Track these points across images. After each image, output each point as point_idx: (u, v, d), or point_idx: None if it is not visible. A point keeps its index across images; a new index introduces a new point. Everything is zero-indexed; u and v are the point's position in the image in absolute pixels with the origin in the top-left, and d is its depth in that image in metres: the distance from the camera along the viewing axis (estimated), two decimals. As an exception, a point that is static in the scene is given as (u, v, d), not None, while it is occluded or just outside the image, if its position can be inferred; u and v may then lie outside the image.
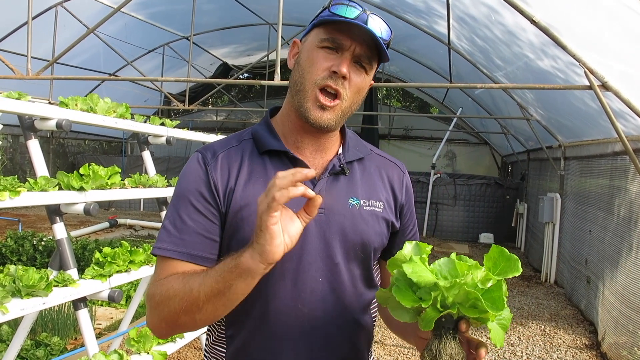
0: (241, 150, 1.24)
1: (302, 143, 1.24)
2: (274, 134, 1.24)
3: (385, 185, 1.31)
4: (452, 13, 5.65)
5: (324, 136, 1.24)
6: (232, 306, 1.06)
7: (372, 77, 1.25)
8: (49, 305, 2.21)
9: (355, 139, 1.32)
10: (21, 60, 6.96)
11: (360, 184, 1.26)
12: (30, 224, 9.74)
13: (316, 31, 1.19)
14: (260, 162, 1.22)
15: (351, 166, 1.27)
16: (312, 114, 1.16)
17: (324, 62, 1.16)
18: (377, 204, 1.26)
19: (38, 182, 2.33)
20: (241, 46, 12.26)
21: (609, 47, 4.13)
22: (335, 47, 1.16)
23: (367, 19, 1.14)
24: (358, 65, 1.18)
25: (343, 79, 1.15)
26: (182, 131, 3.68)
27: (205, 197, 1.17)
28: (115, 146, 15.41)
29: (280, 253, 0.99)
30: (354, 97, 1.19)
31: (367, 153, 1.32)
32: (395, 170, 1.35)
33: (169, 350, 2.77)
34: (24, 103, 2.38)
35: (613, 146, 5.08)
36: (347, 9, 1.15)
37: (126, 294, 5.15)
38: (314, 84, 1.16)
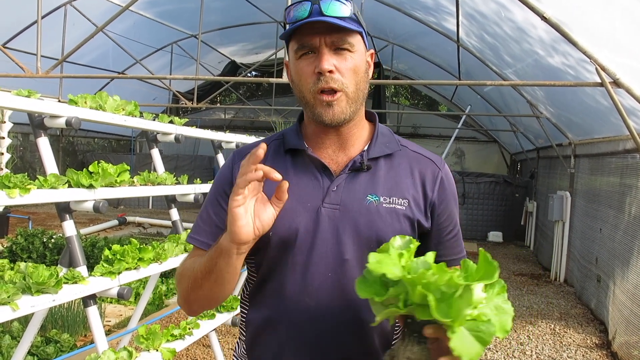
0: (268, 149, 1.28)
1: (324, 143, 1.27)
2: (298, 134, 1.29)
3: (414, 182, 1.26)
4: (462, 10, 5.61)
5: (346, 132, 1.25)
6: (222, 283, 1.15)
7: (365, 47, 1.24)
8: (58, 302, 2.22)
9: (387, 136, 1.30)
10: (31, 58, 7.01)
11: (382, 180, 1.24)
12: (40, 222, 9.81)
13: (290, 45, 1.22)
14: (282, 161, 1.28)
15: (376, 162, 1.25)
16: (325, 116, 1.19)
17: (307, 68, 1.18)
18: (400, 201, 1.23)
19: (48, 179, 2.34)
20: (249, 44, 12.27)
21: (621, 43, 4.08)
22: (309, 50, 1.18)
23: (320, 8, 1.15)
24: (339, 51, 1.18)
25: (330, 73, 1.16)
26: (191, 129, 3.68)
27: (228, 194, 1.22)
28: (124, 144, 15.49)
29: (246, 234, 1.07)
30: (353, 79, 1.19)
31: (397, 149, 1.28)
32: (429, 166, 1.29)
33: (177, 348, 2.77)
34: (33, 101, 2.39)
35: (624, 144, 5.02)
36: (298, 10, 1.17)
37: (135, 291, 5.18)
38: (311, 92, 1.19)
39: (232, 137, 4.31)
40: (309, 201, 1.21)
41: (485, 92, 9.73)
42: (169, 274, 5.94)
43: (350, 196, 1.21)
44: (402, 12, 7.37)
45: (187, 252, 3.17)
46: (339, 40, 1.17)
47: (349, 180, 1.23)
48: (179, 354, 3.17)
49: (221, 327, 4.51)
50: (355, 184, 1.23)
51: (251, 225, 1.09)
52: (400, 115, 13.99)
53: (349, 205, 1.21)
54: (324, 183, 1.23)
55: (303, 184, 1.24)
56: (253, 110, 14.41)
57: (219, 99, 16.76)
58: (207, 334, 3.24)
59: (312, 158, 1.25)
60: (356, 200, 1.21)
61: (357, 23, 1.19)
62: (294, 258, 1.20)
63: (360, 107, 1.25)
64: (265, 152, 1.07)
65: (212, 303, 1.25)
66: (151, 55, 10.73)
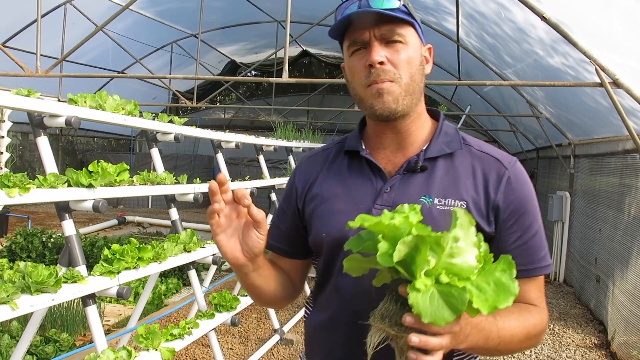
0: (329, 152, 1.34)
1: (382, 144, 1.26)
2: (358, 137, 1.30)
3: (476, 183, 1.19)
4: (462, 10, 5.62)
5: (404, 130, 1.23)
6: (252, 291, 1.25)
7: (420, 40, 1.21)
8: (58, 301, 2.22)
9: (450, 134, 1.25)
10: (30, 58, 7.00)
11: (439, 181, 1.19)
12: (40, 221, 9.81)
13: (344, 45, 1.22)
14: (340, 162, 1.30)
15: (434, 163, 1.21)
16: (376, 107, 1.17)
17: (358, 63, 1.18)
18: (456, 202, 1.16)
19: (47, 179, 2.34)
20: (249, 44, 12.26)
21: (621, 43, 4.08)
22: (361, 45, 1.17)
23: (368, 2, 1.14)
24: (391, 43, 1.16)
25: (381, 64, 1.14)
26: (191, 129, 3.68)
27: (289, 198, 1.34)
28: (123, 144, 15.48)
29: (233, 259, 1.13)
30: (406, 70, 1.16)
31: (458, 148, 1.22)
32: (494, 166, 1.20)
33: (177, 347, 2.77)
34: (33, 100, 2.38)
35: (624, 144, 5.03)
36: (347, 7, 1.17)
37: (134, 290, 5.18)
38: (363, 85, 1.18)
39: (232, 136, 4.31)
40: (361, 202, 1.21)
41: (485, 92, 9.73)
42: (169, 273, 5.93)
43: (403, 197, 1.18)
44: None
45: (187, 251, 3.17)
46: (389, 32, 1.15)
47: (403, 181, 1.21)
48: (178, 353, 3.17)
49: (220, 326, 4.51)
50: (409, 185, 1.20)
51: (237, 250, 1.13)
52: (400, 115, 13.97)
53: None
54: (377, 184, 1.22)
55: (357, 186, 1.24)
56: (253, 110, 14.40)
57: (219, 98, 16.75)
58: (206, 333, 3.24)
59: (366, 159, 1.25)
60: (408, 202, 1.16)
61: (408, 14, 1.17)
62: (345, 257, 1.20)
63: (417, 102, 1.21)
64: (221, 184, 1.07)
65: (258, 302, 1.34)
66: (151, 55, 10.73)
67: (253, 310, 5.34)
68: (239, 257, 1.13)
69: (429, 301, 0.88)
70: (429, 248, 0.91)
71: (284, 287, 1.31)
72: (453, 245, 0.93)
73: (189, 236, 3.20)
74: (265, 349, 4.33)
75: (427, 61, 1.24)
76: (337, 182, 1.26)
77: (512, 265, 0.94)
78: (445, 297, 0.89)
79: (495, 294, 0.90)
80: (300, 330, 4.99)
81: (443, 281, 0.91)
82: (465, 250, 0.93)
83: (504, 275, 0.93)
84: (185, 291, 5.83)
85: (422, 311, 0.88)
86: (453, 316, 0.87)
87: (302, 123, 10.82)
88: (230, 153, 10.04)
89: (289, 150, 5.99)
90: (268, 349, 4.38)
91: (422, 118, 1.26)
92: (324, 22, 6.60)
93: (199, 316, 3.23)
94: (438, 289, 0.90)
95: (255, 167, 10.69)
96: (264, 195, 6.27)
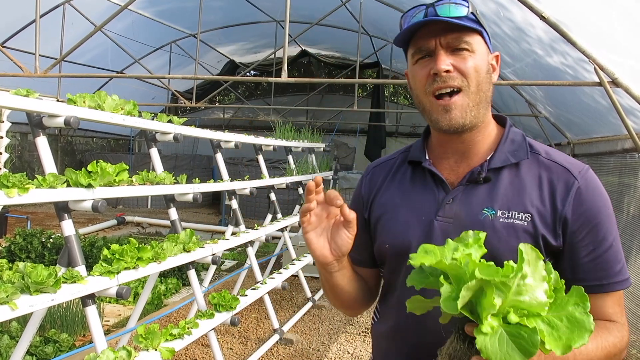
0: (393, 162, 1.35)
1: (446, 154, 1.24)
2: (422, 147, 1.30)
3: (542, 195, 1.14)
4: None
5: (469, 140, 1.20)
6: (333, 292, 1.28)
7: (487, 48, 1.19)
8: (57, 301, 2.22)
9: (517, 143, 1.22)
10: (29, 58, 7.01)
11: (502, 192, 1.15)
12: (39, 222, 9.79)
13: (408, 53, 1.21)
14: (404, 172, 1.30)
15: (498, 173, 1.18)
16: (442, 122, 1.15)
17: (422, 71, 1.16)
18: (520, 215, 1.12)
19: (46, 179, 2.34)
20: (248, 44, 12.25)
21: (620, 43, 4.09)
22: (426, 54, 1.16)
23: (435, 10, 1.13)
24: (457, 51, 1.14)
25: (447, 73, 1.12)
26: (190, 128, 3.68)
27: (356, 207, 1.35)
28: (122, 144, 15.46)
29: (321, 257, 1.16)
30: (474, 78, 1.14)
31: (524, 157, 1.18)
32: (562, 175, 1.14)
33: (176, 347, 2.77)
34: (32, 100, 2.38)
35: (623, 143, 5.03)
36: (414, 15, 1.16)
37: (134, 290, 5.17)
38: (426, 94, 1.16)
39: (231, 136, 4.31)
40: (424, 214, 1.20)
41: (484, 91, 9.73)
42: (168, 273, 5.93)
43: (465, 209, 1.17)
44: (400, 11, 7.36)
45: (186, 251, 3.17)
46: (456, 40, 1.13)
47: (465, 193, 1.18)
48: (178, 353, 3.17)
49: (220, 326, 4.51)
50: (472, 197, 1.17)
51: (326, 248, 1.16)
52: (399, 115, 13.98)
53: (463, 219, 1.16)
54: (439, 195, 1.21)
55: (419, 197, 1.23)
56: (252, 110, 14.39)
57: (218, 98, 16.74)
58: (206, 333, 3.24)
59: (429, 170, 1.24)
60: (471, 214, 1.16)
61: (476, 23, 1.15)
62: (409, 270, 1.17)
63: (485, 112, 1.19)
64: (317, 184, 1.11)
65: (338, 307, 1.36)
66: (150, 55, 10.71)
67: (252, 310, 5.34)
68: (327, 255, 1.16)
69: (497, 344, 0.84)
70: (495, 289, 0.86)
71: (363, 291, 1.33)
72: (520, 283, 0.87)
73: (188, 236, 3.20)
74: (264, 349, 4.33)
75: (493, 69, 1.21)
76: (399, 193, 1.27)
77: (585, 298, 0.88)
78: (514, 339, 0.84)
79: (569, 331, 0.85)
80: (299, 329, 4.99)
81: (512, 321, 0.86)
82: (533, 287, 0.88)
83: (578, 310, 0.87)
84: (185, 291, 5.83)
85: (491, 356, 0.83)
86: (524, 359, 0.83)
87: (301, 123, 10.82)
88: (229, 153, 10.03)
89: (288, 150, 5.99)
90: (267, 348, 4.39)
91: (489, 127, 1.23)
92: (322, 21, 6.59)
93: (198, 316, 3.23)
94: (506, 329, 0.85)
95: (254, 166, 10.68)
96: (263, 194, 6.27)
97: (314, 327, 5.09)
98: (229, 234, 4.41)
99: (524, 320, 0.85)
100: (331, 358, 4.39)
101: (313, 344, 4.67)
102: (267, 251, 7.71)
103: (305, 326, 5.12)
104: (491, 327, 0.85)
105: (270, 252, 7.29)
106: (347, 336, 4.87)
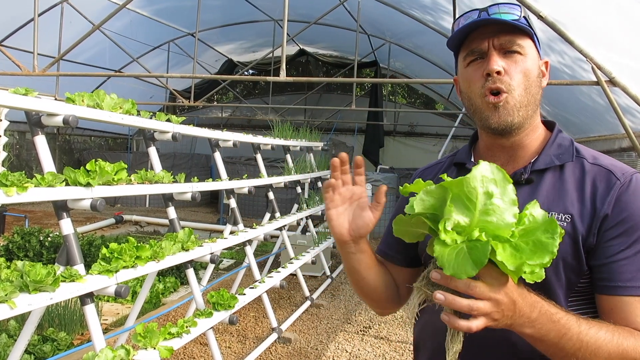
0: (442, 165, 1.39)
1: (492, 157, 1.24)
2: (469, 150, 1.33)
3: (583, 195, 1.14)
4: (459, 9, 5.61)
5: (517, 143, 1.22)
6: (353, 278, 1.30)
7: (537, 53, 1.20)
8: (56, 300, 2.22)
9: (563, 147, 1.22)
10: (27, 57, 6.99)
11: (544, 194, 1.17)
12: (37, 220, 9.78)
13: (459, 57, 1.23)
14: (449, 174, 1.30)
15: (541, 175, 1.19)
16: (491, 120, 1.17)
17: (475, 74, 1.18)
18: (560, 216, 1.12)
19: (45, 177, 2.34)
20: (246, 43, 12.25)
21: (618, 42, 4.10)
22: (478, 56, 1.18)
23: (488, 14, 1.14)
24: (509, 54, 1.16)
25: (498, 74, 1.14)
26: (188, 127, 3.68)
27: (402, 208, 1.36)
28: (120, 143, 15.44)
29: (338, 235, 1.21)
30: (523, 82, 1.15)
31: (568, 160, 1.19)
32: (605, 177, 1.15)
33: (175, 346, 2.78)
34: (31, 99, 2.38)
35: (620, 142, 5.05)
36: (466, 19, 1.18)
37: (132, 289, 5.17)
38: (479, 96, 1.17)
39: (230, 135, 4.31)
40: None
41: (482, 90, 9.74)
42: (166, 272, 5.93)
43: None
44: (400, 11, 7.37)
45: (185, 250, 3.17)
46: (508, 42, 1.15)
47: None
48: (176, 352, 3.17)
49: (218, 325, 4.51)
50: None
51: (344, 227, 1.20)
52: (397, 114, 13.99)
53: None
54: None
55: None
56: (250, 109, 14.40)
57: (216, 97, 16.73)
58: (204, 332, 3.25)
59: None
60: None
61: (528, 26, 1.16)
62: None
63: (533, 114, 1.19)
64: (342, 161, 1.19)
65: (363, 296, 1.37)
66: (148, 54, 10.70)
67: (251, 308, 5.35)
68: (344, 233, 1.20)
69: (454, 255, 0.86)
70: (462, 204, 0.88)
71: (387, 287, 1.34)
72: (487, 202, 0.89)
73: (187, 235, 3.20)
74: (263, 348, 4.34)
75: (543, 75, 1.21)
76: None
77: (556, 224, 0.90)
78: (470, 251, 0.85)
79: (531, 252, 0.86)
80: (297, 328, 5.00)
81: (474, 237, 0.88)
82: (502, 209, 0.89)
83: (545, 235, 0.88)
84: (183, 290, 5.83)
85: (445, 263, 0.86)
86: (475, 269, 0.84)
87: (299, 122, 10.83)
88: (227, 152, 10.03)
89: (287, 149, 5.99)
90: (266, 347, 4.39)
91: (537, 131, 1.24)
92: (321, 20, 6.59)
93: (197, 315, 3.23)
94: (467, 245, 0.87)
95: (252, 165, 10.68)
96: (262, 193, 6.27)
97: (312, 326, 5.10)
98: (227, 233, 4.41)
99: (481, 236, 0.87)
100: (329, 357, 4.40)
101: (311, 342, 4.68)
102: (265, 250, 7.72)
103: (303, 325, 5.12)
104: (452, 239, 0.87)
105: (268, 250, 7.29)
106: (346, 335, 4.88)
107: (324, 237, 6.18)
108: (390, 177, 9.50)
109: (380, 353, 4.48)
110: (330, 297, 6.02)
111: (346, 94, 14.46)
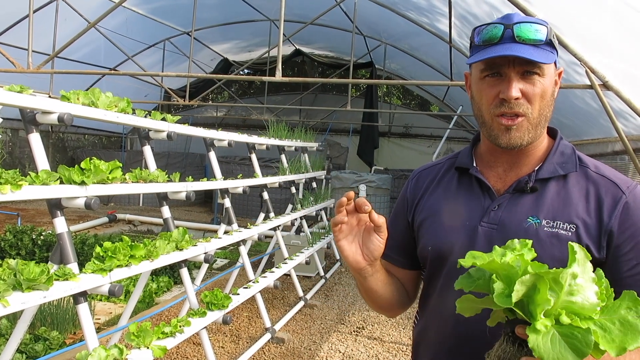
0: (440, 167, 1.37)
1: (495, 162, 1.26)
2: (470, 153, 1.31)
3: (589, 207, 1.15)
4: (454, 11, 5.64)
5: (519, 153, 1.22)
6: (369, 296, 1.31)
7: (554, 70, 1.19)
8: (49, 299, 2.21)
9: (566, 155, 1.23)
10: (22, 54, 6.94)
11: (549, 202, 1.17)
12: (29, 218, 9.73)
13: (475, 65, 1.20)
14: (450, 177, 1.32)
15: (545, 184, 1.20)
16: (501, 140, 1.17)
17: (491, 90, 1.16)
18: (565, 225, 1.14)
19: (39, 175, 2.33)
20: (242, 42, 12.23)
21: (612, 46, 4.13)
22: (496, 72, 1.15)
23: (513, 32, 1.12)
24: (527, 75, 1.14)
25: (516, 100, 1.13)
26: (183, 127, 3.68)
27: (401, 209, 1.39)
28: (114, 141, 15.38)
29: (354, 262, 1.21)
30: (539, 104, 1.15)
31: (572, 170, 1.20)
32: (611, 189, 1.16)
33: (168, 345, 2.77)
34: (26, 96, 2.37)
35: (613, 145, 5.08)
36: (489, 31, 1.15)
37: (125, 288, 5.16)
38: (491, 114, 1.17)
39: (225, 135, 4.31)
40: (468, 219, 1.22)
41: (476, 93, 9.76)
42: (160, 271, 5.92)
43: (510, 217, 1.18)
44: (396, 13, 7.39)
45: (179, 249, 3.16)
46: (530, 66, 1.13)
47: (511, 201, 1.20)
48: (169, 351, 3.16)
49: (212, 325, 4.51)
50: (517, 205, 1.19)
51: (358, 254, 1.21)
52: (392, 115, 14.01)
53: (507, 226, 1.18)
54: (485, 202, 1.23)
55: (464, 202, 1.25)
56: (245, 108, 14.37)
57: (211, 96, 16.69)
58: (198, 331, 3.24)
59: (476, 177, 1.26)
60: (515, 222, 1.18)
61: (552, 47, 1.15)
62: (449, 273, 1.21)
63: (541, 132, 1.20)
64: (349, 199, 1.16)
65: (375, 309, 1.39)
66: (143, 52, 10.66)
67: (244, 308, 5.35)
68: (359, 260, 1.21)
69: (550, 344, 0.83)
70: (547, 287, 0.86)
71: (399, 294, 1.35)
72: (572, 283, 0.87)
73: (181, 234, 3.20)
74: (256, 348, 4.34)
75: (555, 84, 1.21)
76: (445, 197, 1.29)
77: (638, 302, 0.88)
78: (567, 339, 0.83)
79: (622, 334, 0.84)
80: (291, 328, 5.00)
81: (564, 322, 0.85)
82: (585, 288, 0.87)
83: (630, 313, 0.86)
84: (177, 289, 5.82)
85: (543, 355, 0.83)
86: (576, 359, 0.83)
87: (294, 122, 10.82)
88: (222, 151, 10.01)
89: (282, 148, 5.99)
90: (259, 347, 4.39)
91: (541, 139, 1.24)
92: (317, 21, 6.60)
93: (190, 314, 3.23)
94: (559, 330, 0.84)
95: (247, 165, 10.67)
96: (256, 193, 6.27)
97: (306, 326, 5.11)
98: (221, 233, 4.41)
99: (577, 321, 0.85)
100: (322, 357, 4.40)
101: (305, 343, 4.68)
102: (259, 250, 7.71)
103: (297, 325, 5.13)
104: (544, 326, 0.85)
105: (262, 250, 7.29)
106: (339, 335, 4.89)
107: (318, 237, 6.19)
108: (385, 178, 9.52)
109: (373, 353, 4.49)
110: (324, 298, 6.03)
111: (341, 94, 14.46)
